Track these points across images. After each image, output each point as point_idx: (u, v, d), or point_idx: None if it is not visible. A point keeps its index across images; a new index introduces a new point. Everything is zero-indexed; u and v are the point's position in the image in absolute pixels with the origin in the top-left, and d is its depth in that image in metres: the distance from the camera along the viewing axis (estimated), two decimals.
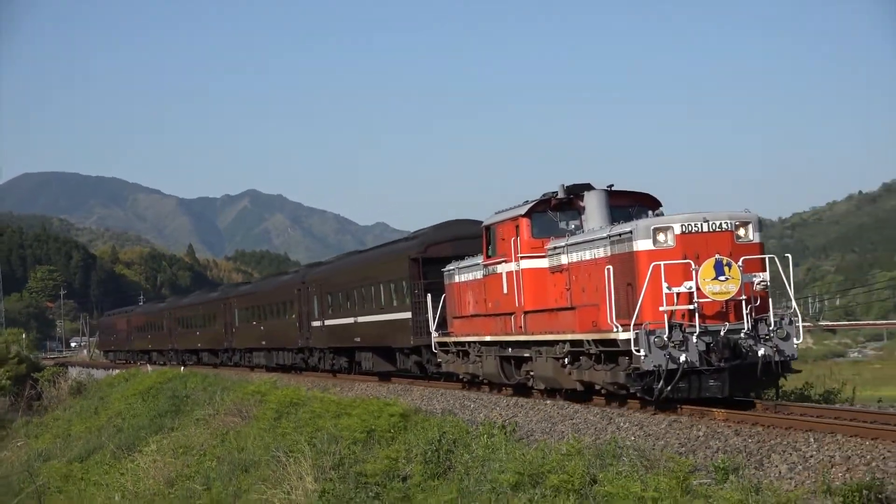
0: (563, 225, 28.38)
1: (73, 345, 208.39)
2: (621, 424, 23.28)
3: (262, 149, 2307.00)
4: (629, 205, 27.96)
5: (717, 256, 22.56)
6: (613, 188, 28.31)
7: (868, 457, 16.39)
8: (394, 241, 46.92)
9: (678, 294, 22.65)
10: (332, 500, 25.45)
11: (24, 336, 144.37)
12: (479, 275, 32.42)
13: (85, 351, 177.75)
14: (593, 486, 18.59)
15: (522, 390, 30.37)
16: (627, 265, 23.77)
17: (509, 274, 29.40)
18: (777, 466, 17.44)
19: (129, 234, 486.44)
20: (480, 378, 33.30)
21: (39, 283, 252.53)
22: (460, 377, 35.28)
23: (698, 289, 22.56)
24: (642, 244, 23.46)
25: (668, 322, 22.43)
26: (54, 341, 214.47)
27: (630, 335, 22.45)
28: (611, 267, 23.82)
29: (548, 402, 28.79)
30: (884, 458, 16.15)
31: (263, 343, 63.53)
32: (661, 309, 22.59)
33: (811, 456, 17.36)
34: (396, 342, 41.44)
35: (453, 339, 34.57)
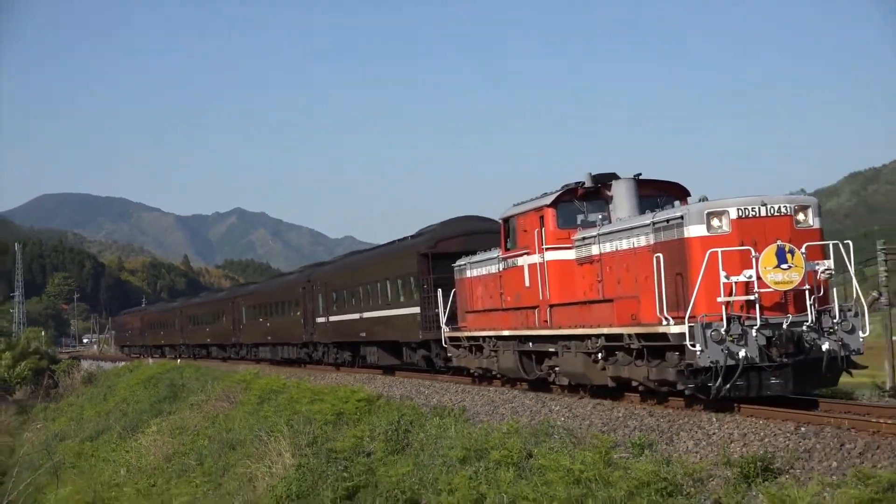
0: (589, 215, 24.31)
1: (85, 341, 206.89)
2: (553, 408, 23.27)
3: (248, 172, 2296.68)
4: (657, 194, 24.06)
5: (778, 242, 18.63)
6: (641, 177, 24.28)
7: (761, 434, 16.54)
8: (400, 238, 41.71)
9: (735, 284, 18.74)
10: (307, 472, 25.42)
11: (42, 334, 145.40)
12: (494, 269, 28.37)
13: (95, 346, 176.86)
14: (529, 459, 18.77)
15: (542, 386, 26.18)
16: (677, 253, 19.69)
17: (532, 266, 25.20)
18: (685, 442, 17.59)
19: (133, 246, 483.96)
20: (494, 373, 28.88)
21: (56, 288, 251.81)
22: (471, 372, 30.57)
23: (759, 278, 18.57)
24: (695, 230, 19.38)
25: (726, 314, 18.49)
26: (69, 338, 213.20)
27: (683, 329, 18.53)
28: (660, 255, 19.70)
29: (491, 388, 28.84)
30: (774, 434, 16.30)
31: (269, 338, 59.65)
32: (718, 300, 18.59)
33: (714, 433, 17.51)
34: (404, 337, 37.40)
35: (466, 333, 30.20)
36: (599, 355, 22.07)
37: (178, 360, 77.17)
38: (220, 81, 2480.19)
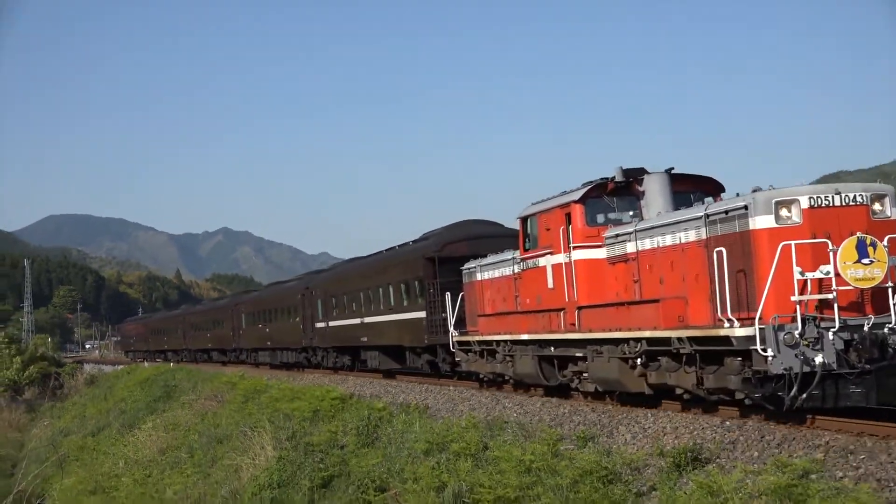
0: (619, 212, 20.85)
1: (87, 346, 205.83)
2: (506, 405, 23.19)
3: (234, 194, 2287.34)
4: (690, 190, 20.54)
5: (858, 235, 15.29)
6: (673, 171, 20.64)
7: (691, 427, 16.55)
8: (402, 243, 37.82)
9: (809, 281, 15.31)
10: (287, 464, 25.23)
11: (49, 340, 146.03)
12: (508, 271, 24.85)
13: (97, 351, 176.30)
14: (485, 451, 18.66)
15: (563, 392, 22.80)
16: (738, 248, 16.18)
17: (557, 266, 21.49)
18: (623, 435, 17.57)
19: (130, 262, 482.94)
20: (507, 378, 25.31)
21: (61, 299, 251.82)
22: (481, 377, 27.16)
23: (837, 274, 15.22)
24: (762, 221, 15.84)
25: (801, 315, 15.10)
26: (73, 344, 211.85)
27: (751, 331, 15.08)
28: (723, 249, 16.10)
29: (451, 387, 28.79)
30: (703, 428, 16.31)
31: (268, 343, 55.83)
32: (792, 299, 15.19)
33: (649, 427, 17.50)
34: (408, 341, 33.36)
35: (478, 337, 26.28)
36: (639, 361, 18.48)
37: (172, 364, 76.75)
38: (209, 112, 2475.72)
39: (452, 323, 28.10)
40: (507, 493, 15.66)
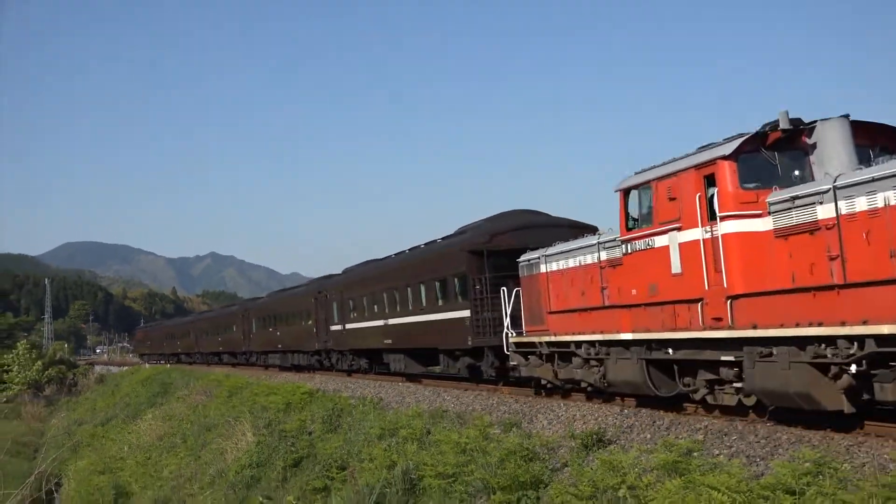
0: (781, 171, 13.28)
1: (98, 351, 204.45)
2: (446, 397, 22.99)
3: (220, 224, 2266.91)
4: (869, 143, 13.31)
5: None
6: (851, 118, 13.28)
7: (596, 415, 16.49)
8: (428, 242, 29.35)
9: None
10: (264, 447, 24.90)
11: (65, 346, 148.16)
12: (590, 259, 17.45)
13: (105, 355, 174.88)
14: (428, 435, 18.46)
15: (674, 405, 15.77)
16: None
17: (689, 245, 13.99)
18: (541, 421, 17.41)
19: (134, 281, 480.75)
20: (586, 386, 17.96)
21: (76, 312, 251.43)
22: (544, 384, 19.59)
23: None
24: None
25: None
26: (85, 349, 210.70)
27: None
28: None
29: (400, 383, 28.54)
30: (605, 415, 16.24)
31: (279, 346, 47.84)
32: None
33: (562, 415, 17.37)
34: (445, 343, 25.41)
35: (549, 338, 18.60)
36: (853, 368, 11.29)
37: (169, 365, 75.77)
38: (202, 153, 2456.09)
39: (507, 322, 20.94)
40: (446, 470, 15.52)
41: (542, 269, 19.54)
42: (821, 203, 11.99)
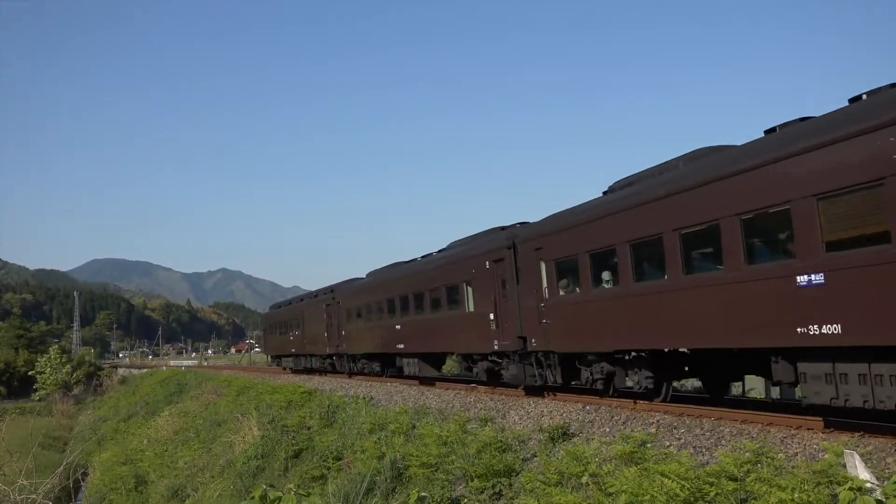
0: None
1: (120, 355, 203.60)
2: (429, 396, 22.85)
3: (229, 242, 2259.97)
4: None
5: None
6: None
7: (562, 411, 16.44)
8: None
9: None
10: (268, 440, 24.76)
11: (92, 351, 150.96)
12: None
13: (127, 359, 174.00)
14: (414, 429, 18.39)
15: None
16: None
17: None
18: (513, 417, 17.33)
19: (153, 293, 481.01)
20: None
21: (102, 321, 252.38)
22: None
23: None
24: None
25: None
26: (110, 354, 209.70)
27: None
28: None
29: (387, 383, 28.38)
30: (570, 411, 16.21)
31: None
32: None
33: (532, 411, 17.31)
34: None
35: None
36: None
37: (183, 368, 75.24)
38: (216, 177, 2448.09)
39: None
40: (429, 460, 15.44)
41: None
42: None
